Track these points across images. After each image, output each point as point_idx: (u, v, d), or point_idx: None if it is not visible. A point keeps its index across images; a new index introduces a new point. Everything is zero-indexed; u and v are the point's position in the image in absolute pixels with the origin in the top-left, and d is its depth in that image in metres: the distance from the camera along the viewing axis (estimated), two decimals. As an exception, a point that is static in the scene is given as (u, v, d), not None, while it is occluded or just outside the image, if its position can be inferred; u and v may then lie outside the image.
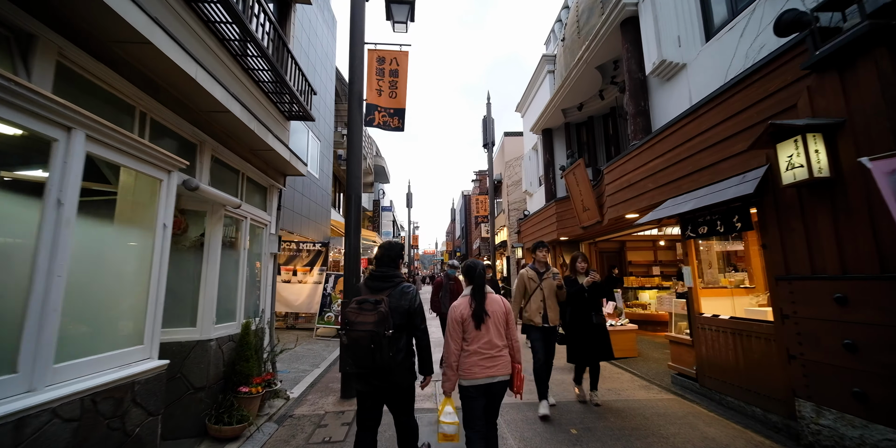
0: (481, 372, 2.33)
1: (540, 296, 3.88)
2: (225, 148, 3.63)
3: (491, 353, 2.36)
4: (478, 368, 2.33)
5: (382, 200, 21.15)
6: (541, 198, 11.07)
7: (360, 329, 2.12)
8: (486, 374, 2.34)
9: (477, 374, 2.33)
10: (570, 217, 8.47)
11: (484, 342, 2.36)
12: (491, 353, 2.35)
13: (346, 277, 4.63)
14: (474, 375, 2.33)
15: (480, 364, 2.34)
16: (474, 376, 2.33)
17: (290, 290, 8.95)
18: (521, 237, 12.34)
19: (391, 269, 2.44)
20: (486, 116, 15.29)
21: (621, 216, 6.11)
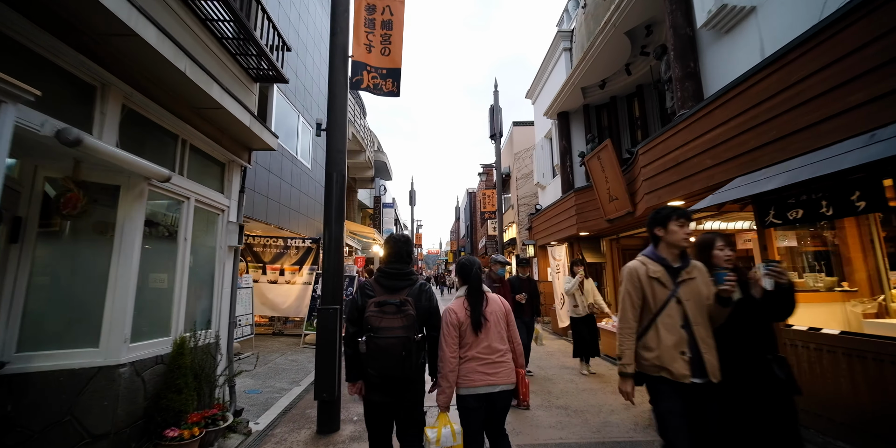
0: (481, 379, 2.10)
1: (679, 316, 1.99)
2: (148, 99, 2.65)
3: (492, 358, 2.13)
4: (477, 375, 2.10)
5: (384, 197, 20.19)
6: (555, 190, 10.03)
7: (390, 335, 1.94)
8: (486, 381, 2.11)
9: (476, 381, 2.10)
10: (593, 209, 7.43)
11: (484, 347, 2.13)
12: (492, 359, 2.13)
13: (326, 277, 3.65)
14: (473, 383, 2.10)
15: (480, 370, 2.11)
16: (473, 384, 2.10)
17: (276, 292, 8.00)
18: (533, 234, 11.31)
19: (406, 266, 2.21)
20: (494, 105, 14.28)
21: (662, 204, 5.07)
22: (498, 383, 2.11)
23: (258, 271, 8.06)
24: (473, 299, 2.18)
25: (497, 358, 2.13)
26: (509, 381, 2.15)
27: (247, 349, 6.43)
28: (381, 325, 1.96)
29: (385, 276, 2.16)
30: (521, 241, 13.10)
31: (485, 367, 2.11)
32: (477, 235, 25.37)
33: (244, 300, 6.26)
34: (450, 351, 2.10)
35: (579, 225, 7.80)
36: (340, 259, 3.70)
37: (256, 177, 6.99)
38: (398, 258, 2.21)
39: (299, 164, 9.07)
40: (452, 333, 2.12)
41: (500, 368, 2.13)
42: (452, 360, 2.10)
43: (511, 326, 2.27)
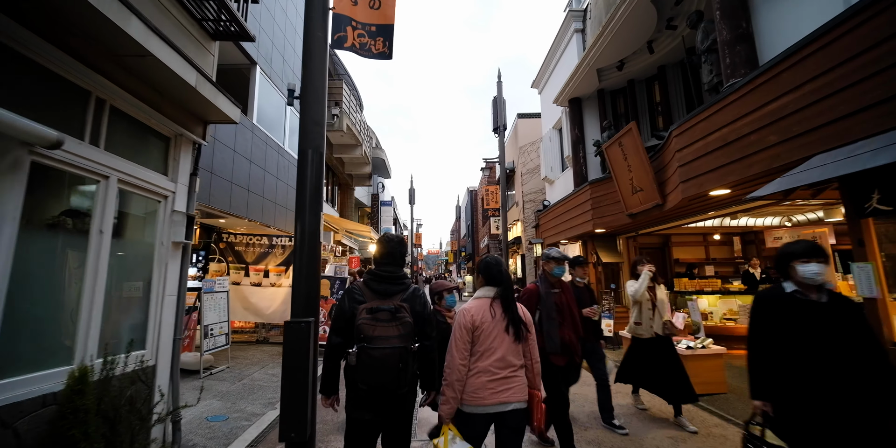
0: (491, 397, 1.83)
1: None
2: (28, 31, 1.88)
3: (503, 373, 1.86)
4: (487, 392, 1.84)
5: (382, 195, 19.43)
6: (566, 184, 9.26)
7: (385, 345, 1.74)
8: (497, 399, 1.84)
9: (485, 399, 1.83)
10: (611, 202, 6.66)
11: (496, 359, 1.86)
12: (503, 374, 1.86)
13: (297, 281, 2.87)
14: (482, 401, 1.83)
15: (490, 387, 1.84)
16: (482, 402, 1.83)
17: (260, 296, 7.22)
18: (541, 232, 10.54)
19: (398, 269, 2.03)
20: (497, 97, 13.51)
21: (702, 193, 4.31)
22: (510, 401, 1.86)
23: (240, 273, 7.30)
24: (508, 303, 1.95)
25: (510, 373, 1.88)
26: (522, 398, 1.89)
27: (221, 362, 5.66)
28: (375, 333, 1.77)
29: (376, 280, 1.97)
30: (526, 241, 12.33)
31: (495, 383, 1.85)
32: (478, 235, 24.58)
33: (218, 306, 5.49)
34: (460, 357, 1.87)
35: (595, 221, 7.03)
36: (316, 258, 2.93)
37: (235, 167, 6.23)
38: (392, 260, 2.03)
39: (287, 156, 8.31)
40: (465, 338, 1.89)
41: (512, 384, 1.88)
42: (462, 367, 1.86)
43: (531, 340, 1.98)
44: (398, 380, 1.76)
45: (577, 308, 3.05)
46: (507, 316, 1.92)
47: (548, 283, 3.00)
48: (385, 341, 1.76)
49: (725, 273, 8.38)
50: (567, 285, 3.16)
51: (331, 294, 6.76)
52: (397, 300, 1.90)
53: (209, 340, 5.20)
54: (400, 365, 1.75)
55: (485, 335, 1.90)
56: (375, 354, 1.74)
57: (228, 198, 6.02)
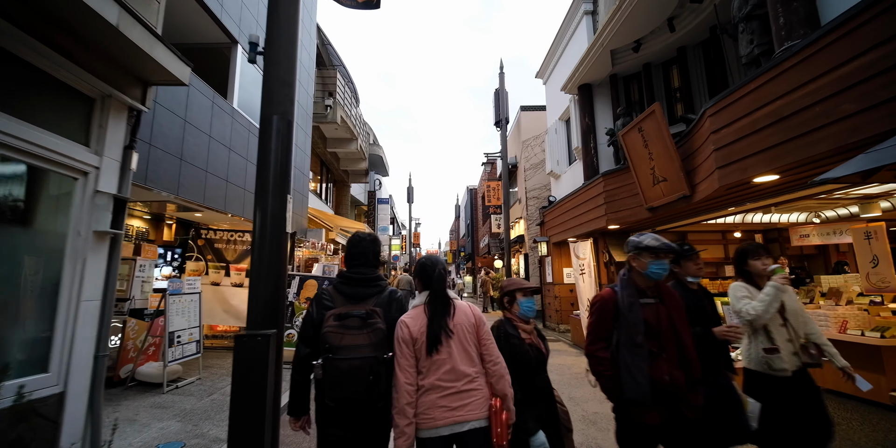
0: (444, 416, 1.56)
1: None
2: None
3: (457, 385, 1.60)
4: (438, 411, 1.57)
5: (379, 192, 18.80)
6: (573, 178, 8.65)
7: (354, 356, 1.55)
8: (451, 418, 1.56)
9: (437, 419, 1.56)
10: (628, 195, 6.05)
11: (445, 371, 1.60)
12: (457, 386, 1.60)
13: (256, 280, 2.25)
14: (433, 422, 1.56)
15: (442, 404, 1.58)
16: (434, 423, 1.56)
17: (242, 297, 6.58)
18: (546, 230, 9.93)
19: (373, 270, 1.83)
20: (499, 89, 12.92)
21: (744, 181, 3.70)
22: (467, 419, 1.59)
23: (220, 272, 6.67)
24: (436, 307, 1.69)
25: (464, 385, 1.62)
26: (482, 415, 1.61)
27: (192, 372, 5.02)
28: (343, 343, 1.58)
29: (347, 283, 1.80)
30: (529, 239, 11.71)
31: (448, 400, 1.59)
32: (478, 234, 23.97)
33: (188, 310, 4.85)
34: (405, 377, 1.61)
35: (609, 216, 6.41)
36: (280, 253, 2.31)
37: (211, 154, 5.60)
38: (364, 260, 1.85)
39: (273, 146, 7.67)
40: (406, 353, 1.64)
41: (468, 399, 1.61)
42: (409, 388, 1.60)
43: (485, 340, 1.72)
44: (369, 393, 1.57)
45: (686, 328, 1.91)
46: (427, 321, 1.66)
47: (633, 289, 1.95)
48: (354, 351, 1.58)
49: (746, 273, 7.78)
50: (671, 291, 2.04)
51: (309, 307, 6.12)
52: (370, 304, 1.72)
53: (175, 349, 4.56)
54: (371, 377, 1.56)
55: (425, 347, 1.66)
56: (342, 366, 1.56)
57: (202, 188, 5.39)
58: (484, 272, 15.66)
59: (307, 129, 9.75)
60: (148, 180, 4.28)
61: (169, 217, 6.68)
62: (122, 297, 4.72)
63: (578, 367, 5.71)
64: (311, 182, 13.18)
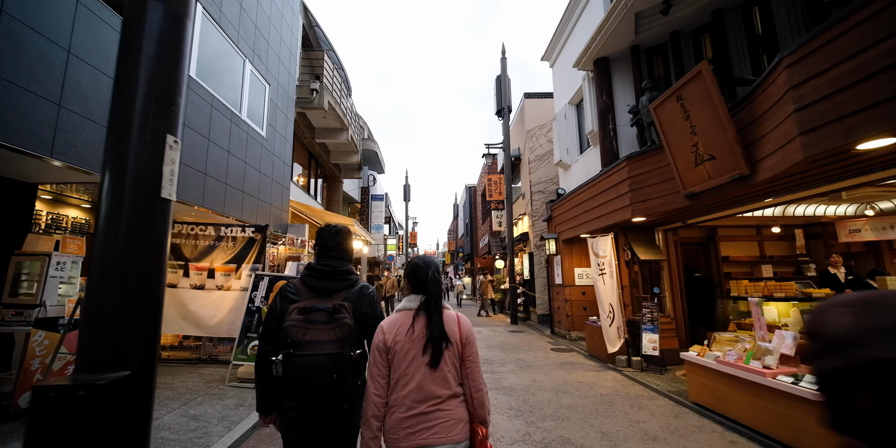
0: (406, 438, 1.37)
1: None
2: None
3: (420, 407, 1.39)
4: (401, 432, 1.38)
5: (373, 188, 17.81)
6: (587, 166, 7.71)
7: (316, 352, 1.44)
8: (412, 441, 1.36)
9: (400, 441, 1.37)
10: (660, 181, 5.11)
11: (411, 389, 1.40)
12: (420, 408, 1.39)
13: (96, 279, 1.26)
14: (395, 443, 1.38)
15: (404, 426, 1.38)
16: (397, 445, 1.38)
17: (202, 302, 5.59)
18: (554, 226, 8.97)
19: (343, 263, 1.71)
20: (501, 76, 12.02)
21: (842, 148, 2.75)
22: (430, 444, 1.35)
23: (178, 272, 5.67)
24: (432, 314, 1.47)
25: (428, 407, 1.38)
26: (451, 439, 1.37)
27: (125, 397, 4.01)
28: (306, 338, 1.45)
29: (315, 275, 1.66)
30: (535, 237, 10.76)
31: (410, 421, 1.37)
32: (477, 234, 23.01)
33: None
34: (374, 387, 1.42)
35: (635, 206, 5.45)
36: (158, 238, 1.34)
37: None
38: (336, 252, 1.71)
39: (244, 128, 6.69)
40: (378, 361, 1.44)
41: (433, 421, 1.38)
42: (377, 399, 1.41)
43: (469, 363, 1.48)
44: (332, 393, 1.44)
45: None
46: (427, 332, 1.43)
47: None
48: (317, 347, 1.44)
49: (784, 273, 6.84)
50: None
51: (273, 301, 5.13)
52: (339, 299, 1.59)
53: (97, 369, 3.56)
54: (335, 375, 1.43)
55: (399, 358, 1.43)
56: (303, 363, 1.42)
57: (145, 169, 4.39)
58: (483, 275, 14.70)
59: (288, 113, 8.76)
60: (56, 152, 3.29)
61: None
62: (28, 302, 3.72)
63: (604, 387, 4.74)
64: (301, 177, 12.20)
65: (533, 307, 11.09)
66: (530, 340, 8.14)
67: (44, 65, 3.29)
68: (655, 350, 5.22)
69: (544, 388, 4.70)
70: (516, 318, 10.67)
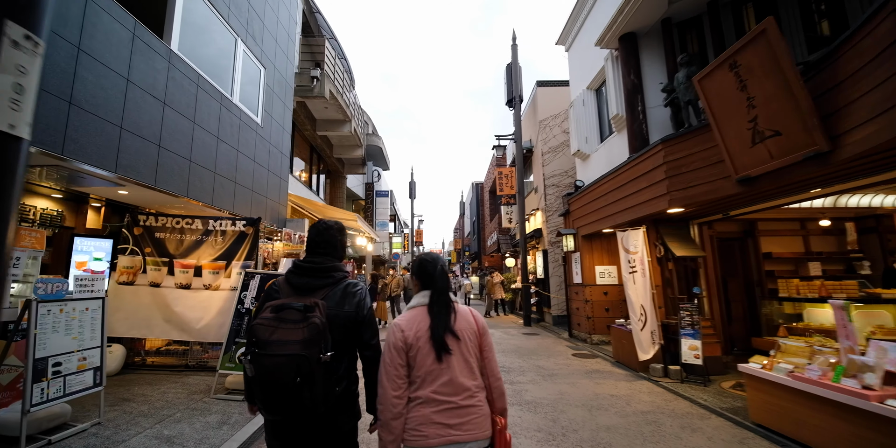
0: (438, 434, 1.36)
1: None
2: None
3: (455, 400, 1.40)
4: (434, 428, 1.36)
5: (378, 184, 17.24)
6: (610, 156, 7.07)
7: (278, 352, 1.33)
8: (448, 437, 1.35)
9: (430, 437, 1.35)
10: (704, 165, 4.47)
11: (443, 383, 1.41)
12: (455, 401, 1.40)
13: None
14: (425, 441, 1.36)
15: (438, 421, 1.37)
16: (425, 442, 1.36)
17: (188, 303, 5.04)
18: (572, 221, 8.33)
19: (329, 259, 1.61)
20: (512, 63, 11.39)
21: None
22: (465, 440, 1.36)
23: (161, 270, 5.12)
24: (438, 308, 1.49)
25: (463, 400, 1.40)
26: (482, 435, 1.40)
27: (89, 414, 3.47)
28: (272, 337, 1.36)
29: (297, 273, 1.57)
30: (549, 233, 10.12)
31: (444, 416, 1.37)
32: (485, 231, 22.38)
33: (79, 324, 3.30)
34: (392, 388, 1.40)
35: (672, 195, 4.82)
36: None
37: (130, 107, 4.06)
38: (325, 249, 1.62)
39: (236, 113, 6.13)
40: (396, 361, 1.42)
41: (467, 416, 1.39)
42: (397, 401, 1.39)
43: (487, 352, 1.52)
44: (297, 399, 1.32)
45: None
46: (431, 325, 1.44)
47: None
48: (281, 347, 1.33)
49: (833, 272, 6.16)
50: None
51: (261, 299, 4.56)
52: (318, 297, 1.49)
53: (52, 383, 3.01)
54: (298, 379, 1.31)
55: (422, 354, 1.42)
56: (266, 363, 1.32)
57: (115, 151, 3.85)
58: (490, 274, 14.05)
59: (286, 101, 8.20)
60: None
61: (96, 198, 5.14)
62: (-28, 304, 3.17)
63: (642, 402, 4.11)
64: (303, 173, 11.65)
65: (547, 308, 10.46)
66: (548, 344, 7.52)
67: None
68: (698, 358, 4.59)
69: (574, 402, 4.09)
70: (530, 319, 10.04)
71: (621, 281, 7.52)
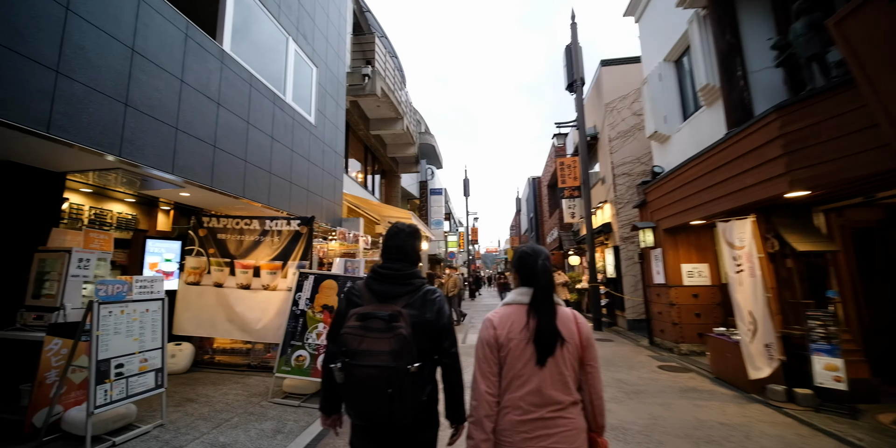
0: (524, 445, 1.27)
1: None
2: None
3: (540, 412, 1.29)
4: (517, 436, 1.28)
5: (432, 182, 17.06)
6: (695, 135, 6.04)
7: (370, 363, 1.33)
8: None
9: (516, 445, 1.27)
10: (843, 134, 3.47)
11: (529, 391, 1.31)
12: (539, 413, 1.29)
13: None
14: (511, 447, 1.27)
15: (521, 430, 1.29)
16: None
17: (248, 304, 5.05)
18: (650, 212, 7.33)
19: (408, 266, 1.59)
20: (571, 44, 10.48)
21: None
22: None
23: (224, 270, 5.19)
24: (541, 307, 1.36)
25: (549, 413, 1.28)
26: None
27: (154, 414, 3.47)
28: (362, 347, 1.36)
29: (377, 279, 1.56)
30: (620, 227, 9.11)
31: (529, 426, 1.27)
32: (544, 228, 21.31)
33: (139, 325, 3.29)
34: (485, 384, 1.34)
35: (795, 175, 3.84)
36: None
37: (185, 107, 4.06)
38: (401, 254, 1.60)
39: (289, 112, 6.10)
40: (489, 357, 1.37)
41: (554, 429, 1.27)
42: (490, 398, 1.32)
43: (591, 367, 1.36)
44: (389, 409, 1.33)
45: None
46: (532, 328, 1.34)
47: None
48: (371, 357, 1.34)
49: None
50: None
51: (339, 303, 4.34)
52: (400, 304, 1.47)
53: (115, 385, 3.00)
54: (390, 390, 1.32)
55: (513, 357, 1.34)
56: (358, 374, 1.34)
57: (171, 152, 3.84)
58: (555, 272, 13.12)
59: (339, 100, 8.15)
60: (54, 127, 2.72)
61: (165, 201, 5.36)
62: (46, 305, 3.28)
63: (767, 436, 3.24)
64: (358, 174, 11.75)
65: (620, 310, 9.45)
66: (625, 353, 6.65)
67: (33, 21, 2.75)
68: (840, 382, 3.59)
69: (673, 431, 3.36)
70: (600, 323, 9.11)
71: (715, 281, 6.44)
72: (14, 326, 3.26)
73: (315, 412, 3.82)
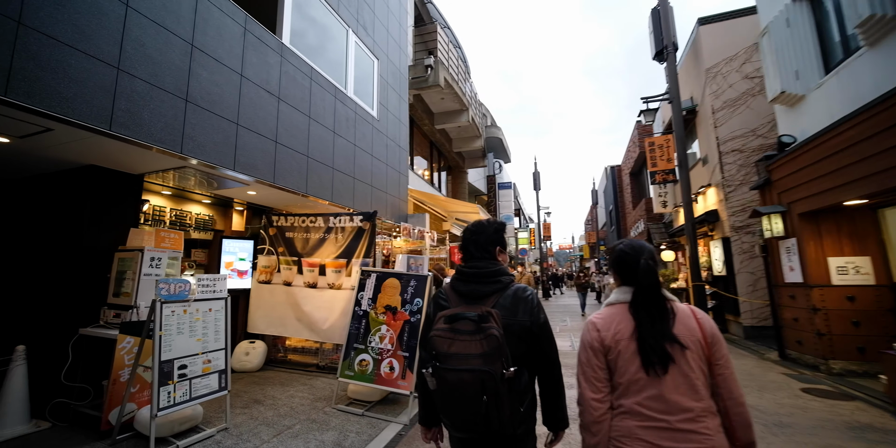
0: None
1: None
2: None
3: (668, 420, 1.14)
4: (638, 444, 1.14)
5: (500, 176, 16.32)
6: (853, 86, 4.59)
7: (460, 367, 1.25)
8: None
9: None
10: None
11: (649, 396, 1.18)
12: (668, 421, 1.14)
13: None
14: None
15: (643, 438, 1.15)
16: None
17: (315, 303, 4.93)
18: (777, 194, 5.87)
19: (492, 263, 1.48)
20: (660, 6, 9.03)
21: None
22: None
23: (292, 269, 5.15)
24: (649, 310, 1.24)
25: (680, 422, 1.12)
26: None
27: (221, 416, 3.38)
28: (451, 350, 1.28)
29: (462, 279, 1.47)
30: (730, 214, 7.58)
31: (653, 434, 1.13)
32: (626, 220, 19.29)
33: (202, 325, 3.20)
34: (591, 390, 1.25)
35: None
36: None
37: (245, 102, 3.98)
38: (483, 252, 1.50)
39: (352, 106, 5.93)
40: (593, 362, 1.27)
41: (687, 443, 1.11)
42: (597, 405, 1.23)
43: (723, 368, 1.20)
44: (485, 416, 1.24)
45: None
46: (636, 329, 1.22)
47: None
48: (462, 361, 1.25)
49: None
50: None
51: (401, 303, 3.96)
52: (489, 305, 1.38)
53: (178, 387, 2.91)
54: (484, 396, 1.23)
55: (625, 360, 1.22)
56: (450, 378, 1.26)
57: (232, 148, 3.77)
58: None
59: (401, 92, 7.89)
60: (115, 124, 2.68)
61: (239, 202, 5.50)
62: (123, 303, 3.34)
63: None
64: (425, 171, 11.55)
65: (732, 315, 7.88)
66: (749, 369, 5.37)
67: (94, 19, 2.73)
68: None
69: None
70: (708, 329, 7.66)
71: (881, 280, 4.90)
72: (98, 323, 3.38)
73: (379, 423, 3.47)
